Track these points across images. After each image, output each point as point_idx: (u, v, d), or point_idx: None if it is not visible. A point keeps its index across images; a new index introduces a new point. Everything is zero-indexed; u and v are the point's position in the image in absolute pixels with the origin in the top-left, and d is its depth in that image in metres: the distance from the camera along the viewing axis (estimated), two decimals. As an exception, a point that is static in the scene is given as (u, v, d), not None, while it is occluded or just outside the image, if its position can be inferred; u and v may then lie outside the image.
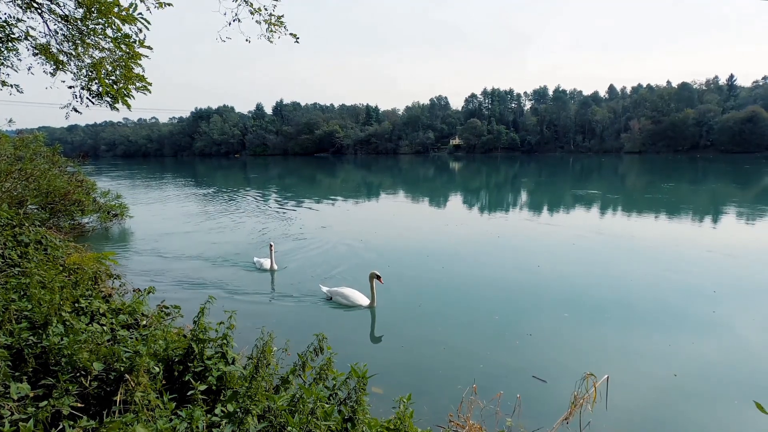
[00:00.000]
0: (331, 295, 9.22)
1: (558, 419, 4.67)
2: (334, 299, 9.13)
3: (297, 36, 6.14)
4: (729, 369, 6.36)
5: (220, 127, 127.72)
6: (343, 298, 8.98)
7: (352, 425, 3.12)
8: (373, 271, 8.77)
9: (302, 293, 9.80)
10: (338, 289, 9.26)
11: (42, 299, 4.46)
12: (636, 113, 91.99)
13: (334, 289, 9.31)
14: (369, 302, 8.86)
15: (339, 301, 9.04)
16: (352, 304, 8.88)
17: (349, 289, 9.18)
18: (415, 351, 7.14)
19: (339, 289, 9.21)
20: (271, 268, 11.17)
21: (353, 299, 8.92)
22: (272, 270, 11.15)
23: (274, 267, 11.16)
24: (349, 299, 8.93)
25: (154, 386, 3.40)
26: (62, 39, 5.91)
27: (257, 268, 11.44)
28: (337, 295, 9.11)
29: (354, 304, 8.88)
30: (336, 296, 9.12)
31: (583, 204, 24.36)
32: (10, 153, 13.54)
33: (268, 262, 11.25)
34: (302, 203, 25.68)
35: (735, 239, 14.97)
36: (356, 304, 8.86)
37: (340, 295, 9.06)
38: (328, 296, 9.29)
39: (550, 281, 10.43)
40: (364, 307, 8.84)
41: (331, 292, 9.26)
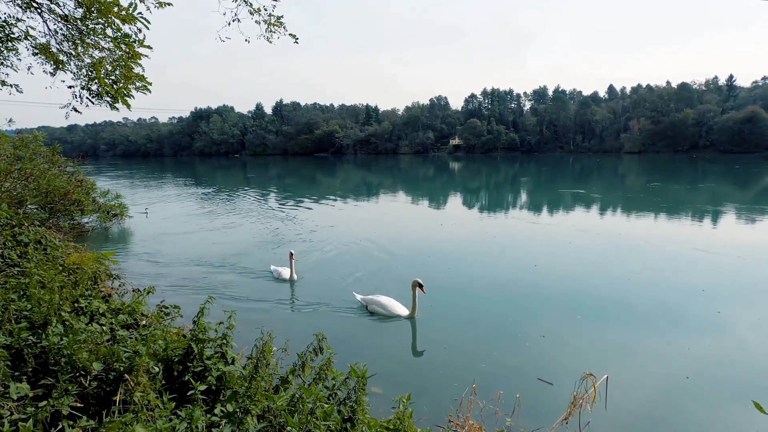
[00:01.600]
0: (366, 303, 8.61)
1: (557, 419, 4.67)
2: (369, 308, 8.51)
3: (296, 36, 6.14)
4: (728, 369, 6.37)
5: (220, 127, 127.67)
6: (381, 308, 8.35)
7: (351, 425, 3.12)
8: (416, 279, 8.10)
9: (328, 302, 9.16)
10: (374, 297, 8.60)
11: (41, 299, 4.46)
12: (635, 113, 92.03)
13: (370, 297, 8.66)
14: (409, 312, 8.23)
15: (375, 310, 8.41)
16: (390, 315, 8.25)
17: (386, 297, 8.52)
18: (415, 351, 7.15)
19: (375, 298, 8.55)
20: (290, 278, 10.38)
21: (391, 309, 8.28)
22: (292, 280, 10.37)
23: (294, 277, 10.36)
24: (387, 309, 8.29)
25: (154, 386, 3.40)
26: (62, 39, 5.90)
27: (275, 277, 10.68)
28: (373, 304, 8.46)
29: (392, 314, 8.24)
30: (372, 305, 8.47)
31: (574, 203, 24.40)
32: (10, 153, 13.53)
33: (287, 272, 10.49)
34: (304, 203, 25.67)
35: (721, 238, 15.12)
36: (395, 315, 8.23)
37: (377, 304, 8.42)
38: (362, 305, 8.68)
39: (547, 281, 10.44)
40: (404, 317, 8.23)
41: (366, 300, 8.65)
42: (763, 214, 19.76)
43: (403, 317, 8.23)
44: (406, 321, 8.22)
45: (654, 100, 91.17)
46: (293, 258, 10.34)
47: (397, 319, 8.20)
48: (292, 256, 10.36)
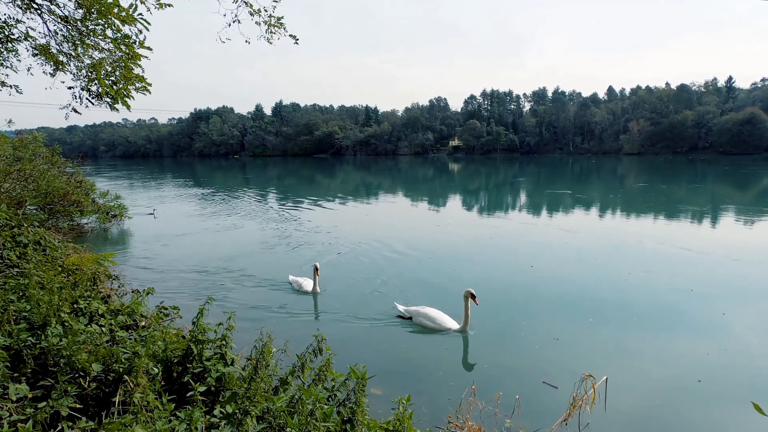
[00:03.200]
0: (410, 315, 8.04)
1: (557, 420, 4.67)
2: (415, 321, 7.91)
3: (296, 37, 6.15)
4: (728, 370, 6.37)
5: (220, 127, 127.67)
6: (428, 321, 7.75)
7: (351, 426, 3.12)
8: (469, 290, 7.51)
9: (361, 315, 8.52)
10: (420, 309, 8.01)
11: (41, 300, 4.45)
12: (635, 115, 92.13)
13: (415, 308, 8.08)
14: (460, 326, 7.62)
15: (421, 323, 7.79)
16: (439, 328, 7.66)
17: (433, 309, 7.94)
18: (415, 352, 7.14)
19: (421, 310, 7.97)
20: (313, 290, 9.68)
21: (440, 322, 7.69)
22: (315, 293, 9.67)
23: (317, 290, 9.67)
24: (435, 322, 7.70)
25: (153, 387, 3.39)
26: (62, 40, 5.91)
27: (295, 289, 10.01)
28: (419, 317, 7.86)
29: (441, 327, 7.65)
30: (418, 318, 7.88)
31: (573, 204, 24.45)
32: (9, 153, 13.53)
33: (309, 284, 9.84)
34: (305, 205, 25.65)
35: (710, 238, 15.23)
36: (444, 328, 7.64)
37: (423, 316, 7.82)
38: (405, 316, 8.12)
39: (544, 282, 10.44)
40: (454, 331, 7.62)
41: (410, 312, 8.07)
42: (750, 214, 19.90)
43: (453, 331, 7.60)
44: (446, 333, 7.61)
45: (653, 101, 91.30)
46: (318, 272, 9.66)
47: (446, 333, 7.59)
48: (317, 271, 9.64)
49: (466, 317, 7.53)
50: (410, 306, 8.31)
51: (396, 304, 8.53)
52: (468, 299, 7.50)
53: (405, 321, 8.15)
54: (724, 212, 20.87)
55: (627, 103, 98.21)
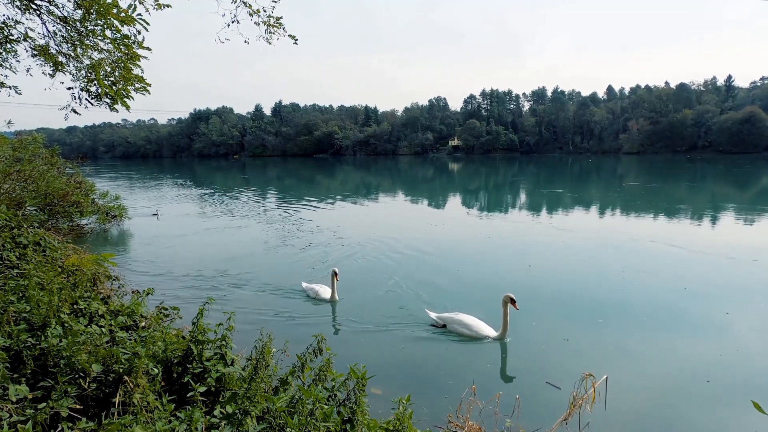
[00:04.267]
0: (444, 322, 7.71)
1: (557, 420, 4.67)
2: (449, 328, 7.60)
3: (296, 37, 6.16)
4: (727, 369, 6.37)
5: (219, 128, 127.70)
6: (465, 328, 7.43)
7: (351, 426, 3.12)
8: (508, 295, 7.19)
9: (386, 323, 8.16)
10: (454, 315, 7.68)
11: (40, 301, 4.45)
12: (634, 114, 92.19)
13: (448, 315, 7.74)
14: (498, 333, 7.30)
15: (456, 330, 7.49)
16: (475, 336, 7.32)
17: (468, 316, 7.62)
18: (415, 352, 7.14)
19: (455, 316, 7.65)
20: (332, 298, 9.17)
21: (477, 330, 7.36)
22: (333, 301, 9.16)
23: (335, 297, 9.16)
24: (471, 329, 7.38)
25: (153, 388, 3.39)
26: (61, 40, 5.90)
27: (310, 297, 9.44)
28: (453, 324, 7.55)
29: (478, 335, 7.32)
30: (452, 325, 7.56)
31: (572, 204, 24.46)
32: (9, 154, 13.52)
33: (326, 291, 9.32)
34: (305, 205, 25.66)
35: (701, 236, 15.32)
36: (481, 336, 7.31)
37: (458, 323, 7.51)
38: (439, 324, 7.78)
39: (542, 281, 10.46)
40: (492, 339, 7.30)
41: (443, 319, 7.74)
42: (743, 213, 19.99)
43: (491, 339, 7.28)
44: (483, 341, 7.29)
45: (653, 100, 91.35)
46: (337, 278, 9.11)
47: (483, 342, 7.31)
48: (336, 276, 9.08)
49: (505, 324, 7.20)
50: (442, 313, 7.93)
51: (427, 311, 8.10)
52: (507, 305, 7.18)
53: (438, 329, 7.77)
54: (718, 211, 20.92)
55: (626, 103, 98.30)
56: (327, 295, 9.24)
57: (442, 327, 7.74)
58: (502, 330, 7.25)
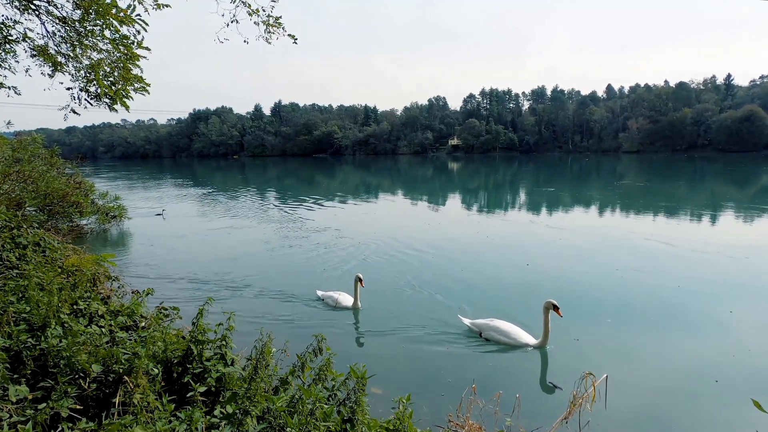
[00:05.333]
0: (479, 330, 7.43)
1: (557, 419, 4.67)
2: (484, 335, 7.32)
3: (295, 37, 6.15)
4: (728, 367, 6.37)
5: (219, 128, 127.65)
6: (502, 335, 7.15)
7: (351, 426, 3.12)
8: (550, 301, 6.93)
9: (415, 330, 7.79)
10: (490, 322, 7.35)
11: (40, 301, 4.45)
12: (634, 113, 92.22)
13: (484, 322, 7.42)
14: (539, 341, 6.99)
15: (493, 338, 7.21)
16: (514, 344, 7.02)
17: (505, 322, 7.31)
18: (414, 351, 7.14)
19: (491, 323, 7.31)
20: (354, 305, 8.72)
21: (516, 337, 7.06)
22: (356, 308, 8.71)
23: (358, 305, 8.70)
24: (509, 336, 7.09)
25: (153, 388, 3.39)
26: (60, 40, 5.90)
27: (331, 306, 8.90)
28: (490, 331, 7.26)
29: (517, 343, 7.02)
30: (489, 332, 7.27)
31: (571, 203, 24.49)
32: (8, 155, 13.51)
33: (347, 299, 8.86)
34: (306, 205, 25.65)
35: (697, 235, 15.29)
36: (520, 344, 7.02)
37: (495, 330, 7.21)
38: (474, 331, 7.50)
39: (540, 280, 10.47)
40: (532, 346, 7.01)
41: (478, 326, 7.44)
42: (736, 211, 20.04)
43: (531, 347, 7.00)
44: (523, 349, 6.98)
45: (652, 99, 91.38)
46: (362, 284, 8.61)
47: (523, 350, 7.00)
48: (361, 282, 8.57)
49: (546, 331, 6.91)
50: (476, 319, 7.65)
51: (461, 318, 7.81)
52: (548, 311, 6.91)
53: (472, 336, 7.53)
54: (710, 209, 20.96)
55: (626, 102, 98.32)
56: (348, 303, 8.76)
57: (477, 334, 7.44)
58: (543, 337, 6.95)
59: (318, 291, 9.50)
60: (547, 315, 6.91)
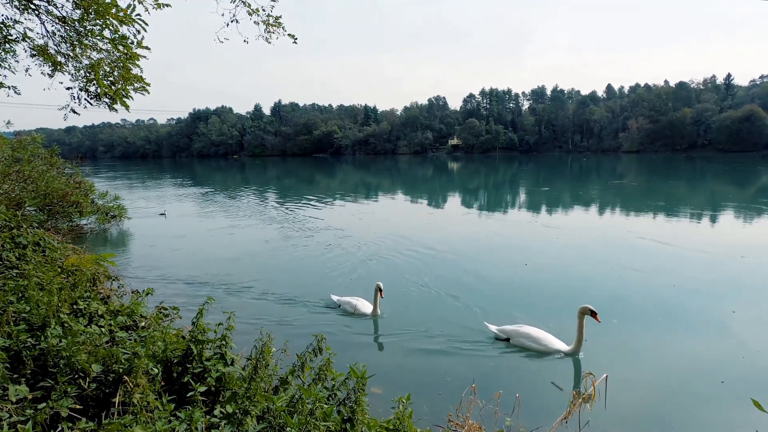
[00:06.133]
0: (507, 336, 7.25)
1: (557, 418, 4.67)
2: (513, 342, 7.13)
3: (295, 37, 6.15)
4: (728, 367, 6.37)
5: (219, 128, 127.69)
6: (532, 342, 6.98)
7: (351, 425, 3.12)
8: (587, 306, 6.70)
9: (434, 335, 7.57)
10: (519, 328, 7.19)
11: (40, 301, 4.44)
12: (634, 113, 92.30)
13: (512, 328, 7.24)
14: (572, 347, 6.76)
15: (523, 344, 7.01)
16: (544, 350, 6.89)
17: (534, 329, 7.15)
18: (414, 351, 7.14)
19: (520, 329, 7.15)
20: (373, 313, 8.52)
21: (547, 343, 6.91)
22: (375, 316, 8.52)
23: (377, 312, 8.52)
24: (540, 343, 6.92)
25: (153, 387, 3.39)
26: (60, 40, 5.90)
27: (348, 311, 8.66)
28: (519, 338, 7.09)
29: (548, 349, 6.89)
30: (518, 339, 7.10)
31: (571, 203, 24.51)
32: (8, 155, 13.51)
33: (365, 305, 8.64)
34: (306, 204, 25.64)
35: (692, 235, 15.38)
36: (551, 350, 6.87)
37: (525, 337, 7.05)
38: (501, 337, 7.31)
39: (539, 279, 10.48)
40: (564, 353, 6.79)
41: (507, 332, 7.25)
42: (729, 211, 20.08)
43: (563, 353, 6.78)
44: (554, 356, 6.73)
45: (652, 99, 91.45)
46: (381, 294, 8.42)
47: (553, 357, 6.78)
48: (381, 292, 8.38)
49: (580, 337, 6.68)
50: (504, 326, 7.45)
51: (487, 324, 7.61)
52: (584, 316, 6.67)
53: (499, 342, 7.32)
54: (710, 210, 20.98)
55: (626, 101, 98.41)
56: (367, 310, 8.55)
57: (505, 340, 7.26)
58: (576, 344, 6.72)
59: (333, 296, 9.20)
60: (582, 320, 6.68)
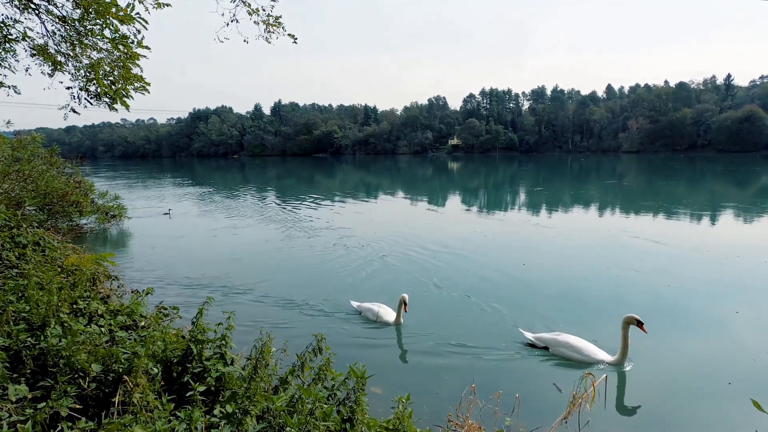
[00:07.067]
0: (545, 344, 7.06)
1: (557, 418, 4.67)
2: (553, 351, 6.94)
3: (295, 36, 6.15)
4: (728, 366, 6.36)
5: (219, 127, 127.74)
6: (573, 352, 6.73)
7: (351, 425, 3.12)
8: (633, 316, 6.43)
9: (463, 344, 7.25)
10: (557, 336, 6.97)
11: (40, 301, 4.45)
12: (634, 113, 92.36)
13: (551, 336, 7.02)
14: (616, 357, 6.56)
15: (563, 354, 6.83)
16: (587, 360, 6.66)
17: (575, 338, 6.89)
18: (414, 351, 7.14)
19: (560, 338, 6.93)
20: (396, 321, 8.26)
21: (589, 353, 6.68)
22: (398, 324, 8.24)
23: (400, 321, 8.26)
24: (582, 353, 6.68)
25: (153, 387, 3.39)
26: (60, 40, 5.90)
27: (370, 319, 8.39)
28: (559, 347, 6.89)
29: (590, 359, 6.63)
30: (558, 348, 6.90)
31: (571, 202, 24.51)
32: (8, 154, 13.51)
33: (387, 313, 8.38)
34: (308, 204, 25.62)
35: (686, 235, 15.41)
36: (594, 360, 6.61)
37: (565, 346, 6.84)
38: (539, 345, 7.12)
39: (537, 279, 10.47)
40: (608, 363, 6.55)
41: (544, 341, 7.05)
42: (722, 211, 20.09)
43: (606, 363, 6.53)
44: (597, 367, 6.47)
45: (652, 99, 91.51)
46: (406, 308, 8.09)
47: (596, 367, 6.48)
48: (405, 306, 8.07)
49: (625, 348, 6.41)
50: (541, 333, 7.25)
51: (522, 332, 7.40)
52: (629, 326, 6.40)
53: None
54: (709, 210, 20.97)
55: (626, 102, 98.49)
56: (389, 318, 8.30)
57: (543, 349, 7.05)
58: (621, 355, 6.46)
59: (353, 302, 8.90)
60: (626, 331, 6.41)
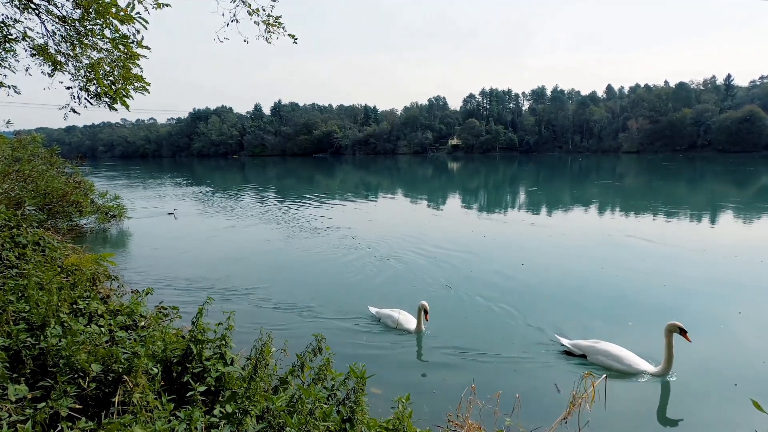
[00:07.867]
0: (582, 352, 6.88)
1: (557, 418, 4.67)
2: (591, 359, 6.73)
3: (295, 37, 6.16)
4: (728, 367, 6.36)
5: (219, 127, 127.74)
6: (613, 361, 6.51)
7: (350, 425, 3.12)
8: (675, 324, 6.15)
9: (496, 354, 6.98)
10: (596, 344, 6.78)
11: (40, 300, 4.45)
12: (634, 113, 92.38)
13: (589, 344, 6.81)
14: (660, 368, 6.24)
15: (602, 363, 6.59)
16: (628, 370, 6.43)
17: (615, 346, 6.66)
18: (413, 351, 7.14)
19: (599, 346, 6.73)
20: (417, 329, 7.97)
21: (630, 363, 6.42)
22: (419, 332, 7.96)
23: (422, 328, 7.98)
24: (623, 362, 6.44)
25: (153, 387, 3.39)
26: (60, 40, 5.90)
27: (390, 326, 8.14)
28: (597, 355, 6.67)
29: (632, 370, 6.38)
30: (596, 356, 6.68)
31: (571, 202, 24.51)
32: (8, 154, 13.51)
33: (410, 320, 8.14)
34: (307, 204, 25.62)
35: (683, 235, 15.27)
36: (637, 371, 6.37)
37: (604, 354, 6.61)
38: (576, 353, 6.93)
39: (537, 279, 10.46)
40: (650, 374, 6.25)
41: (581, 348, 6.87)
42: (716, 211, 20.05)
43: (649, 374, 6.25)
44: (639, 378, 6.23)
45: (652, 99, 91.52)
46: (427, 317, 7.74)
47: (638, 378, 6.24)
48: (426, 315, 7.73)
49: (670, 358, 6.13)
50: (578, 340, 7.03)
51: (557, 338, 7.22)
52: (672, 334, 6.12)
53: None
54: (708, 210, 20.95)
55: (626, 102, 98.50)
56: (410, 326, 8.05)
57: (580, 356, 6.86)
58: (665, 365, 6.18)
59: (371, 308, 8.64)
60: (670, 339, 6.15)
